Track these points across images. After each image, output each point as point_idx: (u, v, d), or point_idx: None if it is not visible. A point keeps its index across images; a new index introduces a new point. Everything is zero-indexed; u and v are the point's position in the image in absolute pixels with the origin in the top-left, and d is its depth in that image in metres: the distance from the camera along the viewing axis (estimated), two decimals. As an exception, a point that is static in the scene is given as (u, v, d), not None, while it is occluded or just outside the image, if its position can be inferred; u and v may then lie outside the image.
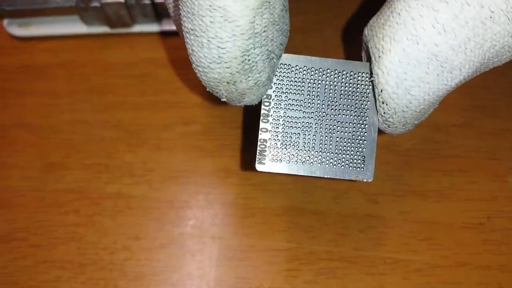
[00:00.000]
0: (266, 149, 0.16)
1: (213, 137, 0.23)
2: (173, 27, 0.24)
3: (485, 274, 0.21)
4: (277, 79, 0.16)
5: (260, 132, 0.16)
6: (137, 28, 0.24)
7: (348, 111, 0.16)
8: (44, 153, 0.23)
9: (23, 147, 0.23)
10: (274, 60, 0.16)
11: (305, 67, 0.16)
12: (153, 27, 0.24)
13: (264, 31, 0.15)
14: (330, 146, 0.16)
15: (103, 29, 0.24)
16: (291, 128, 0.16)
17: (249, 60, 0.15)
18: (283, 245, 0.21)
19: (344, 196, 0.22)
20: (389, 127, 0.16)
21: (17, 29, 0.24)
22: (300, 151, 0.16)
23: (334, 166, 0.16)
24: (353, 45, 0.24)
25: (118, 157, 0.23)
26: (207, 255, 0.21)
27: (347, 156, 0.16)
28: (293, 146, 0.16)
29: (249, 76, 0.15)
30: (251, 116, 0.23)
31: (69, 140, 0.23)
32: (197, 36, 0.14)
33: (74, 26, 0.24)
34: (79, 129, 0.23)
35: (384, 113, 0.16)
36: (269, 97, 0.16)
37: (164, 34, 0.25)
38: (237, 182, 0.22)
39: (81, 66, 0.24)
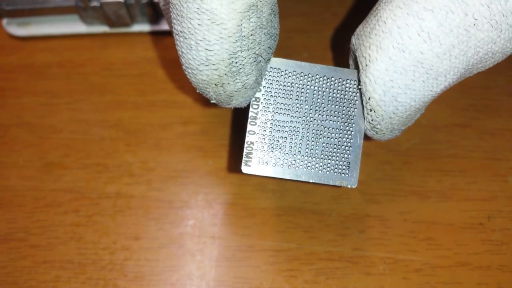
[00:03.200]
0: (253, 151, 0.16)
1: (212, 137, 0.23)
2: (172, 27, 0.24)
3: (485, 274, 0.21)
4: (266, 83, 0.16)
5: (247, 134, 0.16)
6: (137, 27, 0.24)
7: (335, 117, 0.17)
8: (43, 153, 0.23)
9: (22, 146, 0.23)
10: (262, 63, 0.16)
11: (294, 72, 0.17)
12: (153, 27, 0.24)
13: (252, 35, 0.15)
14: (316, 151, 0.17)
15: (103, 28, 0.24)
16: (278, 131, 0.16)
17: (236, 62, 0.15)
18: (283, 245, 0.21)
19: (344, 196, 0.22)
20: (376, 133, 0.17)
21: (17, 29, 0.24)
22: (287, 154, 0.16)
23: (320, 171, 0.16)
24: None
25: (118, 157, 0.23)
26: (206, 255, 0.21)
27: (333, 161, 0.17)
28: (280, 149, 0.16)
29: (236, 79, 0.15)
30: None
31: (68, 139, 0.23)
32: (185, 38, 0.15)
33: (74, 26, 0.24)
34: (78, 128, 0.23)
35: (372, 120, 0.16)
36: (257, 100, 0.16)
37: (163, 33, 0.25)
38: (236, 182, 0.22)
39: (81, 65, 0.24)
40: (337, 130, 0.17)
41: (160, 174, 0.22)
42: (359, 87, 0.16)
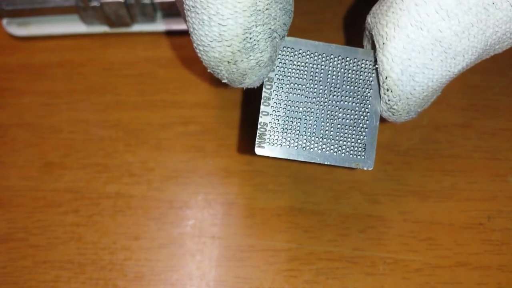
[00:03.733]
0: (266, 132, 0.16)
1: (212, 137, 0.23)
2: (172, 27, 0.24)
3: (485, 274, 0.21)
4: (280, 62, 0.16)
5: (260, 115, 0.16)
6: (137, 27, 0.24)
7: (350, 98, 0.16)
8: (43, 153, 0.23)
9: (22, 146, 0.23)
10: (277, 40, 0.15)
11: (308, 52, 0.16)
12: (153, 27, 0.24)
13: (267, 9, 0.14)
14: (331, 132, 0.16)
15: (103, 28, 0.24)
16: (292, 112, 0.16)
17: (250, 38, 0.14)
18: (283, 245, 0.21)
19: (344, 196, 0.22)
20: (393, 114, 0.16)
21: (17, 29, 0.24)
22: (301, 136, 0.16)
23: (335, 153, 0.16)
24: (354, 45, 0.24)
25: (118, 157, 0.23)
26: (207, 255, 0.21)
27: (348, 143, 0.16)
28: (294, 130, 0.16)
29: (250, 55, 0.15)
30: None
31: (68, 139, 0.23)
32: (197, 14, 0.14)
33: (74, 26, 0.24)
34: (78, 128, 0.23)
35: (388, 100, 0.16)
36: (271, 80, 0.16)
37: (163, 33, 0.25)
38: (237, 182, 0.22)
39: (80, 65, 0.24)
40: (353, 111, 0.16)
41: (160, 174, 0.22)
42: (375, 66, 0.16)
